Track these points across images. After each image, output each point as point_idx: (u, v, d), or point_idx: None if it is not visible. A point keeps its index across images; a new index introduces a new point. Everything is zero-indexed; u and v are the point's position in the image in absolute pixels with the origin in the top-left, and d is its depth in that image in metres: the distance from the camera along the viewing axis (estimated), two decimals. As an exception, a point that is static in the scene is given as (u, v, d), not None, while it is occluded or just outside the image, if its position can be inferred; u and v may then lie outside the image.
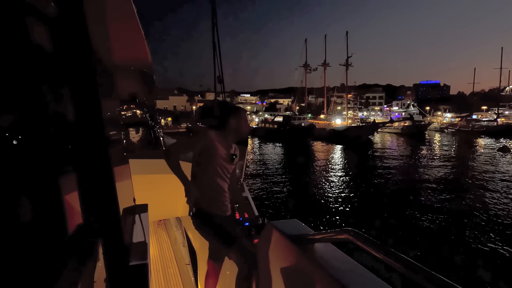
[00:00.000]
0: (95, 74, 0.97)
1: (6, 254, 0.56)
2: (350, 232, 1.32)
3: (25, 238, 0.64)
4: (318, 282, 1.46)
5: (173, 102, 75.18)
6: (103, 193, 1.04)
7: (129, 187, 2.12)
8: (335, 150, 31.15)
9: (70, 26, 0.89)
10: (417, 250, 7.86)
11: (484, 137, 41.00)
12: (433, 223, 9.86)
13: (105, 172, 1.04)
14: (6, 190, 0.58)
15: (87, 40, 0.92)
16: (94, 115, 0.99)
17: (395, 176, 17.56)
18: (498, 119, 51.37)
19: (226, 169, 2.26)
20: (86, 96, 0.95)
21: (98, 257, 1.05)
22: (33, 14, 0.75)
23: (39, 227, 0.71)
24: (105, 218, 1.07)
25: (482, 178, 16.36)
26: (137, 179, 2.64)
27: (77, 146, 0.97)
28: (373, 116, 61.77)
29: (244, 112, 2.35)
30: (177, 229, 4.54)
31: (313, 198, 12.91)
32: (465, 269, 7.04)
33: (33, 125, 0.73)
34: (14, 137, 0.65)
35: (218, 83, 3.31)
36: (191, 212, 2.25)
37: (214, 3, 3.19)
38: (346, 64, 51.41)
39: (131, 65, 2.36)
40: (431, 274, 0.93)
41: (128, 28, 1.55)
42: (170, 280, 3.39)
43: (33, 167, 0.71)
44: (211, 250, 2.42)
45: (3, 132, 0.61)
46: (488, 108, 63.19)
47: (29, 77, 0.72)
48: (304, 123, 43.37)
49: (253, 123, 62.31)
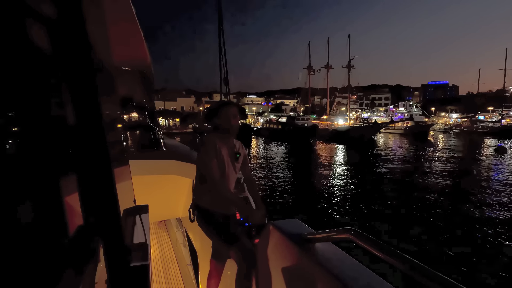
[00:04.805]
0: (95, 75, 0.97)
1: (7, 255, 0.56)
2: (351, 231, 1.31)
3: (26, 240, 0.64)
4: (319, 281, 1.46)
5: (181, 103, 76.02)
6: (103, 194, 1.04)
7: (129, 188, 2.12)
8: (337, 150, 31.19)
9: (69, 27, 0.89)
10: (418, 249, 7.85)
11: (487, 138, 40.76)
12: (433, 222, 9.82)
13: (106, 173, 1.05)
14: (7, 192, 0.59)
15: (86, 41, 0.93)
16: (94, 116, 0.99)
17: (395, 175, 17.57)
18: (503, 120, 51.02)
19: (231, 168, 2.28)
20: (85, 97, 0.96)
21: (99, 258, 1.05)
22: (32, 15, 0.75)
23: (40, 229, 0.71)
24: (105, 219, 1.07)
25: (477, 177, 16.52)
26: (137, 180, 2.64)
27: (77, 147, 0.97)
28: (377, 117, 61.67)
29: (226, 108, 2.27)
30: (178, 230, 4.55)
31: (314, 197, 12.91)
32: (466, 267, 7.01)
33: (33, 126, 0.73)
34: (14, 138, 0.66)
35: (224, 84, 3.35)
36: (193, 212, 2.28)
37: (220, 9, 3.24)
38: (348, 66, 51.72)
39: (131, 66, 2.37)
40: (433, 273, 0.92)
41: (127, 29, 1.56)
42: (171, 281, 3.39)
43: (34, 169, 0.72)
44: (214, 249, 2.43)
45: (3, 133, 0.62)
46: (493, 109, 62.92)
47: (28, 78, 0.72)
48: (307, 124, 43.65)
49: (258, 123, 62.53)
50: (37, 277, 0.66)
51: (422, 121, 50.95)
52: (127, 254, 1.28)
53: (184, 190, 3.85)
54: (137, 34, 1.65)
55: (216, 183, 2.09)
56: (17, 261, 0.59)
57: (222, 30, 3.29)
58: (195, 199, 2.31)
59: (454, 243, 8.36)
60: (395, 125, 46.69)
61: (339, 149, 31.68)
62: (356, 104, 77.52)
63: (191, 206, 2.35)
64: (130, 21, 1.45)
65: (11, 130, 0.65)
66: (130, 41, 1.79)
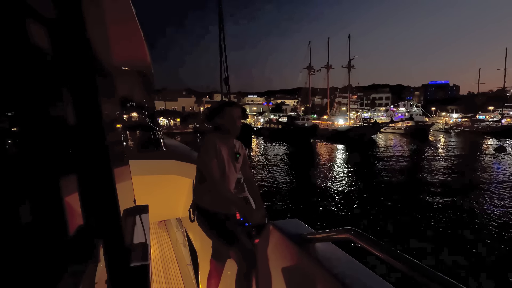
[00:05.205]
0: (95, 76, 0.97)
1: (7, 255, 0.56)
2: (351, 231, 1.31)
3: (26, 240, 0.64)
4: (319, 281, 1.46)
5: (181, 103, 76.07)
6: (103, 194, 1.04)
7: (129, 188, 2.12)
8: (337, 149, 31.23)
9: (69, 27, 0.89)
10: (418, 249, 7.84)
11: (487, 138, 40.77)
12: (433, 222, 9.82)
13: (106, 173, 1.05)
14: (7, 192, 0.58)
15: (87, 41, 0.93)
16: (94, 116, 0.99)
17: (395, 175, 17.58)
18: (503, 120, 50.98)
19: (231, 168, 2.28)
20: (86, 98, 0.96)
21: (99, 258, 1.05)
22: (32, 16, 0.75)
23: (40, 229, 0.71)
24: (105, 219, 1.07)
25: (477, 177, 16.54)
26: (137, 180, 2.64)
27: (78, 147, 0.97)
28: (377, 117, 61.67)
29: (231, 108, 2.25)
30: (178, 230, 4.55)
31: (314, 197, 12.91)
32: (467, 267, 7.01)
33: (33, 127, 0.73)
34: (14, 139, 0.66)
35: (225, 84, 3.35)
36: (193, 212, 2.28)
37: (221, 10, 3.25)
38: (349, 66, 51.79)
39: (131, 66, 2.37)
40: (433, 273, 0.92)
41: (127, 29, 1.56)
42: (171, 281, 3.39)
43: (34, 169, 0.71)
44: (214, 249, 2.43)
45: (3, 134, 0.62)
46: (494, 108, 62.91)
47: (28, 79, 0.72)
48: (308, 124, 43.70)
49: (258, 123, 62.55)
50: (37, 277, 0.66)
51: (422, 121, 50.98)
52: (127, 254, 1.28)
53: (184, 190, 3.85)
54: (137, 34, 1.65)
55: (216, 183, 2.09)
56: (17, 261, 0.59)
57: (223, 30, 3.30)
58: (195, 199, 2.31)
59: (454, 243, 8.36)
60: (395, 125, 46.69)
61: (339, 149, 31.69)
62: (356, 104, 77.56)
63: (191, 206, 2.35)
64: (130, 21, 1.45)
65: (11, 130, 0.65)
66: (130, 41, 1.79)
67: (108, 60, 1.99)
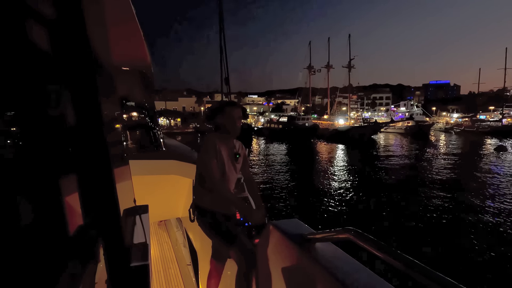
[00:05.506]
0: (95, 75, 0.98)
1: (7, 255, 0.56)
2: (351, 231, 1.31)
3: (26, 240, 0.64)
4: (319, 281, 1.46)
5: (182, 103, 76.14)
6: (103, 194, 1.05)
7: (129, 188, 2.12)
8: (337, 149, 31.24)
9: (69, 27, 0.89)
10: (418, 249, 7.83)
11: (488, 137, 40.74)
12: (433, 222, 9.82)
13: (106, 173, 1.05)
14: (7, 192, 0.59)
15: (87, 41, 0.93)
16: (94, 116, 0.99)
17: (395, 175, 17.56)
18: (504, 120, 50.92)
19: (231, 168, 2.28)
20: (86, 98, 0.96)
21: (99, 258, 1.05)
22: (32, 16, 0.75)
23: (40, 229, 0.71)
24: (105, 219, 1.07)
25: (476, 176, 16.57)
26: (137, 180, 2.64)
27: (78, 147, 0.97)
28: (378, 117, 61.68)
29: (232, 109, 2.24)
30: (178, 230, 4.55)
31: (314, 197, 12.91)
32: (467, 267, 7.01)
33: (33, 127, 0.73)
34: (14, 139, 0.66)
35: (225, 84, 3.36)
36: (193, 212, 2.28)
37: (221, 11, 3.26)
38: (349, 66, 51.80)
39: (131, 66, 2.37)
40: (433, 273, 0.92)
41: (127, 29, 1.56)
42: (171, 281, 3.39)
43: (34, 169, 0.72)
44: (214, 249, 2.43)
45: (3, 134, 0.62)
46: (494, 108, 62.87)
47: (29, 79, 0.72)
48: (308, 123, 43.79)
49: (259, 123, 62.60)
50: (37, 277, 0.66)
51: (422, 121, 50.95)
52: (127, 254, 1.28)
53: (184, 190, 3.86)
54: (137, 34, 1.65)
55: (215, 183, 2.09)
56: (17, 261, 0.59)
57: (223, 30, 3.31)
58: (195, 199, 2.31)
59: (454, 243, 8.36)
60: (395, 124, 46.69)
61: (339, 148, 31.71)
62: (357, 104, 77.50)
63: (191, 206, 2.35)
64: (130, 21, 1.45)
65: (11, 130, 0.65)
66: (130, 41, 1.79)
67: (108, 60, 1.99)
